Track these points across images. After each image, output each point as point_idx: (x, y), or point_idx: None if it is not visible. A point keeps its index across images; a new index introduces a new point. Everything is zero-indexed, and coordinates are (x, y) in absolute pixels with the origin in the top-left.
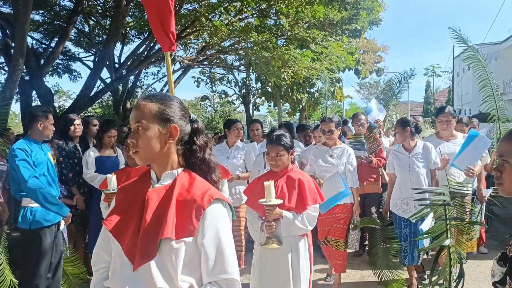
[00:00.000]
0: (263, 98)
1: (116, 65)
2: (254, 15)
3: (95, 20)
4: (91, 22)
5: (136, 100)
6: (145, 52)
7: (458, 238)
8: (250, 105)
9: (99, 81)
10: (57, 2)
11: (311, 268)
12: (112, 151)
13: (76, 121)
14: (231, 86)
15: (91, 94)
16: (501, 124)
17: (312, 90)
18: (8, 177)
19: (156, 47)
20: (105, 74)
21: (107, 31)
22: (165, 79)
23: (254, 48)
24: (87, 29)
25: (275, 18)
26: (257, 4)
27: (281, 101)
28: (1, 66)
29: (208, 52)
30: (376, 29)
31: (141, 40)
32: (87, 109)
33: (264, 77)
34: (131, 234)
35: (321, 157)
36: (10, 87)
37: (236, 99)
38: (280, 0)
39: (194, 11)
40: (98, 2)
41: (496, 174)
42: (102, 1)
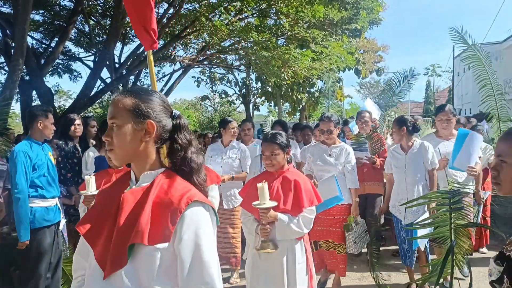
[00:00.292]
0: (263, 98)
1: (116, 65)
2: (254, 15)
3: (95, 20)
4: (91, 22)
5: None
6: (145, 52)
7: (460, 239)
8: (250, 105)
9: (99, 81)
10: (57, 2)
11: (312, 273)
12: None
13: (77, 121)
14: (231, 86)
15: (91, 94)
16: (501, 123)
17: (312, 90)
18: (8, 177)
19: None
20: (105, 74)
21: (107, 31)
22: (165, 79)
23: (254, 48)
24: (87, 29)
25: (275, 18)
26: (257, 4)
27: (281, 101)
28: (1, 66)
29: (208, 52)
30: (376, 28)
31: None
32: (87, 109)
33: (264, 77)
34: (104, 239)
35: (319, 156)
36: (10, 87)
37: (236, 99)
38: (280, 0)
39: (194, 11)
40: (98, 2)
41: (494, 174)
42: (102, 1)
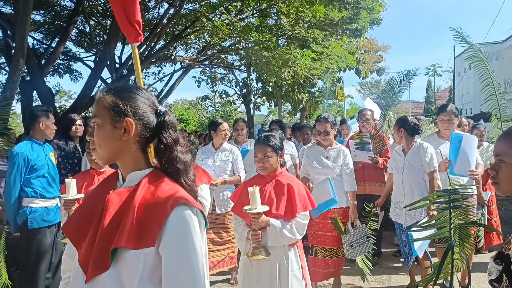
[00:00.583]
0: (263, 98)
1: (117, 65)
2: (255, 15)
3: (95, 20)
4: (92, 22)
5: None
6: (146, 52)
7: (463, 241)
8: (251, 105)
9: (100, 81)
10: (58, 2)
11: (307, 281)
12: None
13: (78, 121)
14: (232, 86)
15: (92, 94)
16: (502, 123)
17: (312, 90)
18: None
19: (157, 47)
20: (106, 74)
21: (107, 31)
22: (166, 79)
23: (255, 48)
24: (87, 29)
25: (276, 18)
26: (258, 4)
27: (282, 101)
28: (2, 66)
29: (208, 52)
30: (376, 28)
31: None
32: (88, 109)
33: (264, 77)
34: (88, 241)
35: (315, 159)
36: (11, 87)
37: (237, 99)
38: (281, 0)
39: (195, 11)
40: (99, 2)
41: (493, 173)
42: (102, 1)
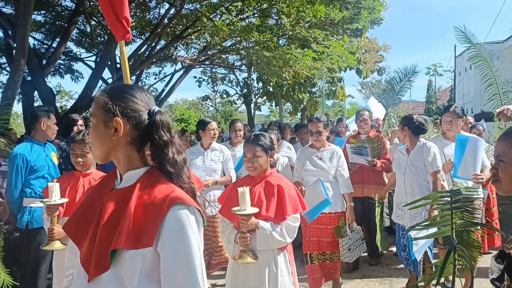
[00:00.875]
0: (264, 97)
1: (118, 65)
2: (255, 15)
3: (96, 20)
4: (93, 22)
5: None
6: (147, 52)
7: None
8: (252, 105)
9: (100, 81)
10: (59, 2)
11: (297, 287)
12: None
13: (79, 122)
14: (233, 86)
15: (93, 94)
16: (506, 123)
17: (313, 90)
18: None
19: (158, 47)
20: (106, 74)
21: (108, 31)
22: (167, 79)
23: (256, 48)
24: (88, 29)
25: (276, 17)
26: (258, 4)
27: (283, 100)
28: (3, 66)
29: (209, 52)
30: (377, 28)
31: (142, 40)
32: (89, 109)
33: (265, 77)
34: (88, 241)
35: (309, 160)
36: (12, 87)
37: (238, 99)
38: (281, 0)
39: (195, 11)
40: None
41: (493, 173)
42: None
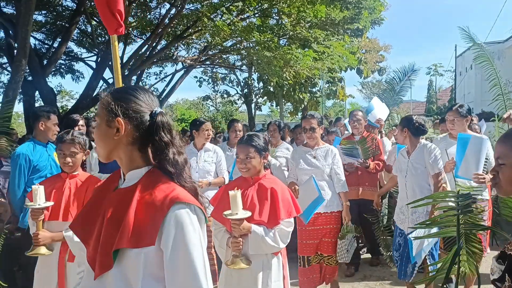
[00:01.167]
0: (265, 97)
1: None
2: (256, 15)
3: (97, 20)
4: (94, 22)
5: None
6: (147, 52)
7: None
8: (252, 105)
9: (101, 81)
10: (60, 2)
11: None
12: None
13: (80, 122)
14: (233, 86)
15: (94, 94)
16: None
17: (314, 90)
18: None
19: (158, 47)
20: (107, 74)
21: None
22: (167, 79)
23: (256, 48)
24: (89, 29)
25: (277, 17)
26: (259, 4)
27: (283, 100)
28: (4, 66)
29: (210, 52)
30: (378, 28)
31: (143, 40)
32: (90, 109)
33: (266, 77)
34: (94, 239)
35: (303, 159)
36: (13, 87)
37: (238, 99)
38: (282, 0)
39: (196, 11)
40: None
41: (493, 175)
42: None
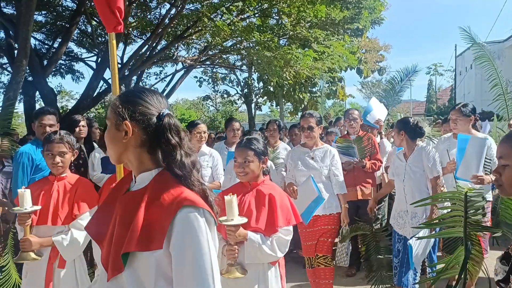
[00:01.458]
0: (265, 97)
1: (119, 66)
2: (256, 15)
3: (97, 20)
4: (94, 22)
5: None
6: (148, 53)
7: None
8: (252, 105)
9: (102, 82)
10: (60, 2)
11: None
12: None
13: (81, 122)
14: (233, 86)
15: (94, 94)
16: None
17: (314, 90)
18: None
19: (159, 47)
20: (108, 74)
21: None
22: (167, 79)
23: (256, 48)
24: (89, 29)
25: (277, 17)
26: (259, 4)
27: (283, 100)
28: (4, 67)
29: (210, 52)
30: (378, 28)
31: (143, 41)
32: (91, 110)
33: (266, 77)
34: (107, 241)
35: (300, 160)
36: (14, 88)
37: (238, 99)
38: (282, 0)
39: (196, 11)
40: None
41: (496, 176)
42: None
